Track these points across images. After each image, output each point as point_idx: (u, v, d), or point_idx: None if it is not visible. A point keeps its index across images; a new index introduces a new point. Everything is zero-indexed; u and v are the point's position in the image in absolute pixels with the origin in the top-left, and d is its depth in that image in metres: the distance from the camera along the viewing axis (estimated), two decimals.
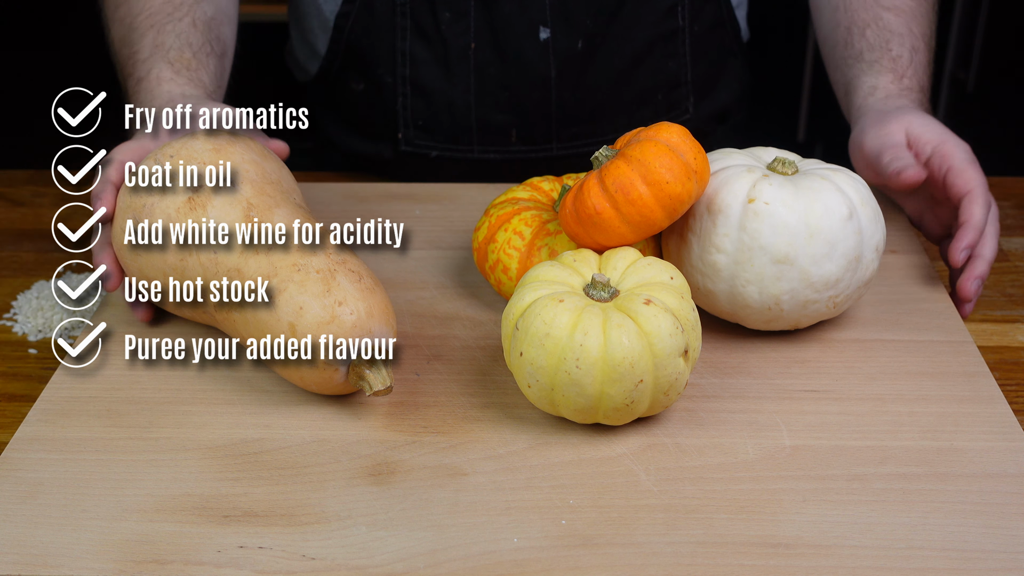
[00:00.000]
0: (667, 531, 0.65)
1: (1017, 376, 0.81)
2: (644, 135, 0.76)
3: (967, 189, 0.86)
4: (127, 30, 0.96)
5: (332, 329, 0.70)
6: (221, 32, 0.99)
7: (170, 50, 0.92)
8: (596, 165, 0.77)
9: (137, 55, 0.93)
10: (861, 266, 0.77)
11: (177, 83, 0.90)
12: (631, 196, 0.73)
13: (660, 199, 0.73)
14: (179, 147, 0.77)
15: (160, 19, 0.95)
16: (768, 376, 0.78)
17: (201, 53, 0.94)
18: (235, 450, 0.71)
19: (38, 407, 0.75)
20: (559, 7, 1.05)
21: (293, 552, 0.63)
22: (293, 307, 0.71)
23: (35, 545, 0.64)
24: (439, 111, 1.10)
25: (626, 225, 0.74)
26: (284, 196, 0.77)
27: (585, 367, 0.67)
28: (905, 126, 0.91)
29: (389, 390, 0.71)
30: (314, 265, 0.72)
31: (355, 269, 0.74)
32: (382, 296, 0.74)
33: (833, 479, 0.68)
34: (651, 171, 0.73)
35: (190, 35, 0.94)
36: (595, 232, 0.75)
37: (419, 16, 1.06)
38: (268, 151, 0.81)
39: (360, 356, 0.71)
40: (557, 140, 1.12)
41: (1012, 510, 0.66)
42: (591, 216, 0.74)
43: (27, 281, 0.94)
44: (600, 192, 0.74)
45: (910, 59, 0.97)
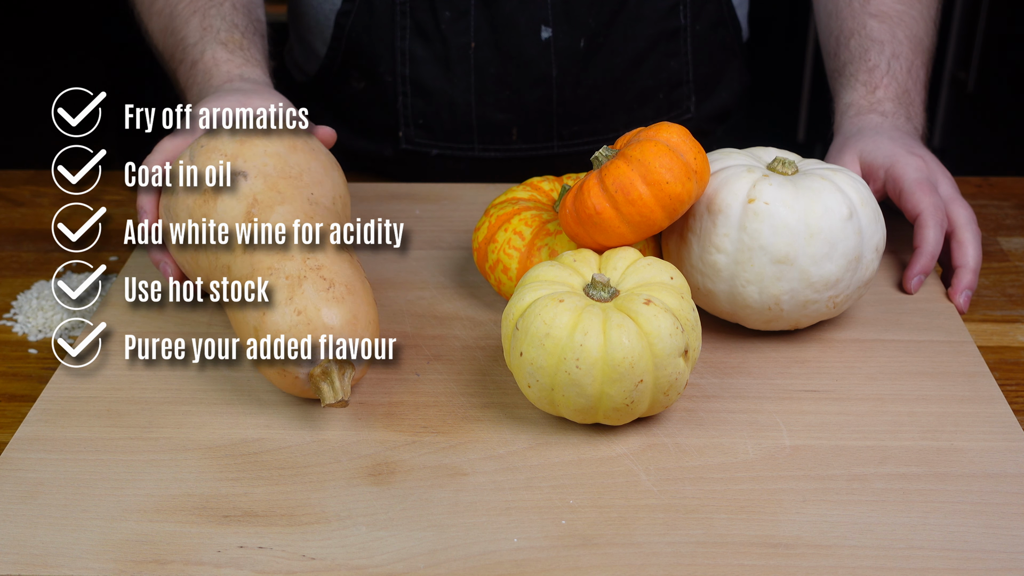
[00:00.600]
0: (667, 531, 0.65)
1: (1017, 376, 0.81)
2: (644, 135, 0.76)
3: (916, 212, 0.86)
4: (168, 19, 0.97)
5: (290, 338, 0.70)
6: (258, 13, 1.02)
7: (219, 31, 0.94)
8: (596, 165, 0.77)
9: (186, 40, 0.95)
10: (861, 266, 0.77)
11: (235, 62, 0.92)
12: (631, 196, 0.73)
13: (660, 199, 0.73)
14: (210, 137, 0.78)
15: (202, 4, 0.96)
16: (768, 376, 0.78)
17: (248, 32, 0.96)
18: (235, 450, 0.71)
19: (38, 407, 0.75)
20: (561, 6, 1.05)
21: (293, 552, 0.63)
22: (258, 312, 0.71)
23: (35, 545, 0.64)
24: (439, 110, 1.10)
25: (626, 225, 0.74)
26: (298, 192, 0.77)
27: (585, 367, 0.67)
28: (858, 153, 0.91)
29: (343, 404, 0.70)
30: (286, 270, 0.72)
31: (328, 276, 0.72)
32: (353, 304, 0.72)
33: (833, 479, 0.68)
34: (651, 171, 0.73)
35: (234, 17, 0.96)
36: (595, 232, 0.75)
37: (419, 15, 1.06)
38: (303, 144, 0.80)
39: (318, 366, 0.71)
40: (558, 139, 1.12)
41: (1012, 510, 0.66)
42: (591, 216, 0.74)
43: (27, 281, 0.94)
44: (600, 192, 0.74)
45: (887, 67, 0.97)
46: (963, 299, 0.85)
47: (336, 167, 0.83)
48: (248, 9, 0.99)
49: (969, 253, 0.86)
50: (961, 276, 0.85)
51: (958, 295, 0.85)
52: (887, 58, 0.98)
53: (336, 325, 0.71)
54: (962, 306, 0.85)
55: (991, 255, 0.97)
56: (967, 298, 0.85)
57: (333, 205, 0.79)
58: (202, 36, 0.94)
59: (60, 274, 0.95)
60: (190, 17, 0.96)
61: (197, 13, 0.96)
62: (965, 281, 0.85)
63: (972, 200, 1.05)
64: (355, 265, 0.76)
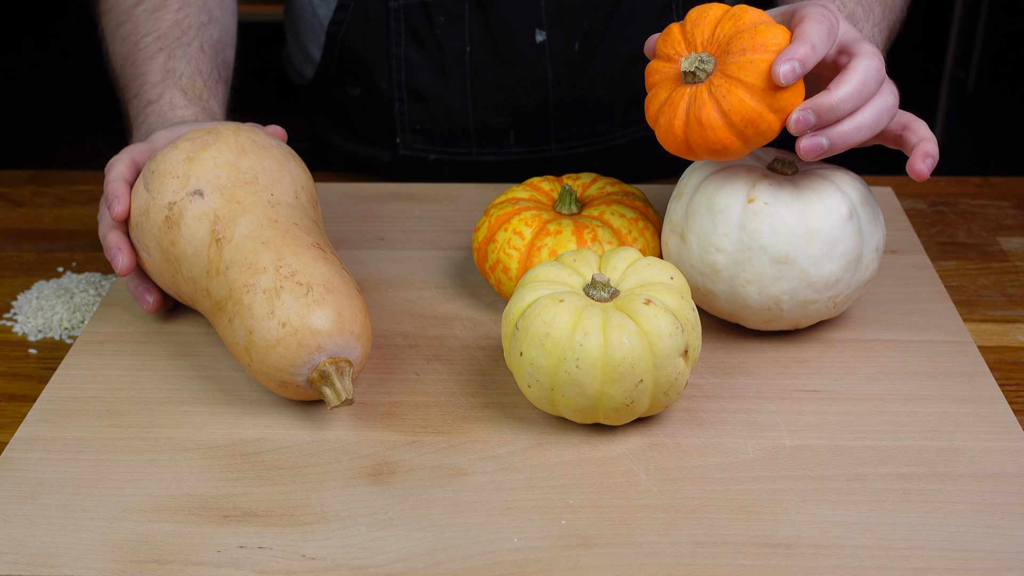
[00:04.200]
0: (667, 531, 0.65)
1: (1017, 376, 0.81)
2: (749, 43, 0.72)
3: (803, 16, 0.74)
4: (131, 48, 0.95)
5: (280, 351, 0.70)
6: (226, 55, 1.00)
7: (181, 77, 0.92)
8: (692, 79, 0.73)
9: (146, 77, 0.93)
10: (861, 266, 0.77)
11: (190, 110, 0.90)
12: (760, 128, 0.71)
13: (781, 119, 0.71)
14: (159, 161, 0.78)
15: (169, 43, 0.94)
16: (768, 376, 0.78)
17: (211, 80, 0.94)
18: (235, 450, 0.71)
19: (38, 407, 0.75)
20: (555, 9, 1.05)
21: (293, 552, 0.63)
22: (244, 331, 0.71)
23: (35, 545, 0.64)
24: (436, 115, 1.10)
25: (745, 146, 0.73)
26: (256, 197, 0.76)
27: (585, 367, 0.67)
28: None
29: (349, 402, 0.70)
30: (261, 284, 0.71)
31: (304, 280, 0.72)
32: (335, 302, 0.72)
33: (833, 479, 0.68)
34: (778, 100, 0.71)
35: (200, 61, 0.94)
36: (707, 153, 0.73)
37: (413, 21, 1.06)
38: (251, 143, 0.79)
39: (315, 371, 0.71)
40: (556, 141, 1.12)
41: (1012, 510, 0.66)
42: (716, 151, 0.72)
43: (27, 281, 0.94)
44: (724, 126, 0.72)
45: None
46: (928, 165, 0.75)
47: (292, 157, 0.81)
48: (216, 51, 0.97)
49: (920, 127, 0.76)
50: (926, 146, 0.75)
51: (921, 160, 0.74)
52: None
53: (323, 328, 0.70)
54: (926, 173, 0.75)
55: (991, 255, 0.97)
56: (931, 165, 0.75)
57: (296, 199, 0.79)
58: (163, 78, 0.92)
59: (60, 274, 0.95)
60: (155, 54, 0.94)
61: (163, 51, 0.94)
62: (926, 149, 0.75)
63: (972, 200, 1.05)
64: (328, 259, 0.74)
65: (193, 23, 0.96)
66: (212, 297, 0.74)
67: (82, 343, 0.82)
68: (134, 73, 0.94)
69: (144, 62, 0.94)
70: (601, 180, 0.88)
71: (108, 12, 1.00)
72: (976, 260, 0.96)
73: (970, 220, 1.02)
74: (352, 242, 0.95)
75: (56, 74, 2.44)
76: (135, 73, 0.94)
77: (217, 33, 0.98)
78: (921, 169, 0.74)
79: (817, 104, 0.71)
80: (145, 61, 0.94)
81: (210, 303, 0.75)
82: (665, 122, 0.74)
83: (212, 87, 0.94)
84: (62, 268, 0.96)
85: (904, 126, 0.77)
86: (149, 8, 0.96)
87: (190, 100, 0.91)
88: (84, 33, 1.14)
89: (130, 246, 0.80)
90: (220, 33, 0.99)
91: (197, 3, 0.98)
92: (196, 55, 0.95)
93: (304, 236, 0.75)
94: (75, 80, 2.10)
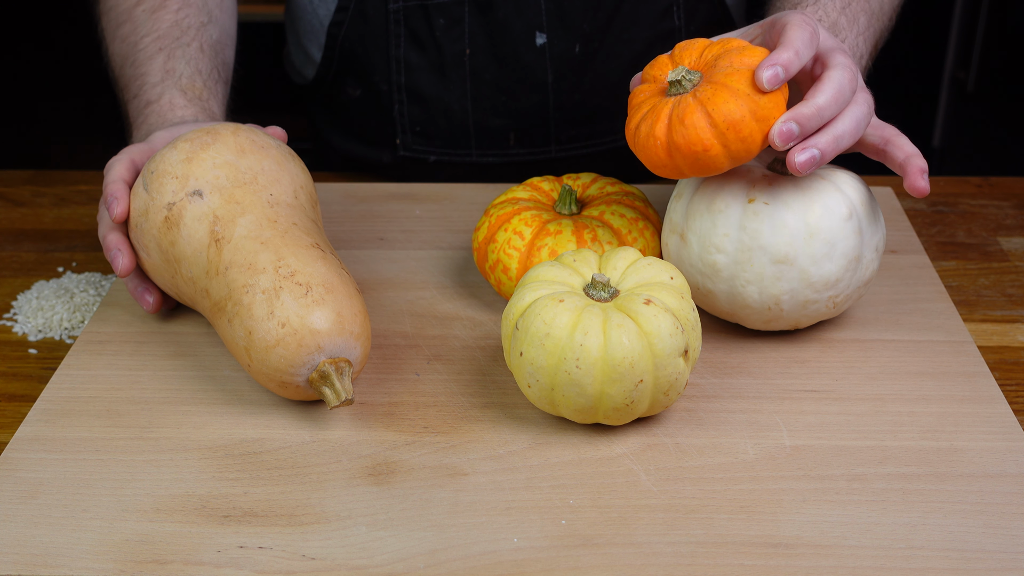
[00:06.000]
0: (667, 531, 0.65)
1: (1017, 376, 0.81)
2: (733, 61, 0.72)
3: (783, 24, 0.74)
4: (131, 49, 0.95)
5: (280, 351, 0.70)
6: (226, 55, 1.00)
7: (181, 77, 0.92)
8: (679, 89, 0.73)
9: (146, 77, 0.92)
10: (861, 266, 0.77)
11: (190, 110, 0.90)
12: (742, 134, 0.71)
13: (764, 132, 0.71)
14: (158, 162, 0.78)
15: (169, 43, 0.94)
16: (768, 376, 0.78)
17: (211, 80, 0.94)
18: (235, 450, 0.71)
19: (38, 407, 0.75)
20: (555, 11, 1.05)
21: (293, 552, 0.63)
22: (243, 332, 0.71)
23: (35, 545, 0.64)
24: (436, 116, 1.10)
25: (730, 161, 0.73)
26: (256, 197, 0.76)
27: (585, 367, 0.67)
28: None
29: (349, 402, 0.70)
30: (260, 285, 0.71)
31: (304, 280, 0.72)
32: (335, 302, 0.72)
33: (833, 479, 0.68)
34: (761, 107, 0.71)
35: (199, 61, 0.94)
36: (690, 167, 0.73)
37: (413, 23, 1.06)
38: (250, 143, 0.79)
39: (315, 371, 0.71)
40: (556, 143, 1.12)
41: (1012, 510, 0.66)
42: (696, 153, 0.72)
43: (27, 281, 0.94)
44: (708, 127, 0.71)
45: (816, 2, 0.88)
46: (924, 182, 0.74)
47: (292, 157, 0.81)
48: (216, 51, 0.97)
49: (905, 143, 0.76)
50: (917, 161, 0.75)
51: (918, 176, 0.74)
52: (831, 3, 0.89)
53: (323, 328, 0.70)
54: (925, 189, 0.75)
55: (991, 255, 0.97)
56: (926, 178, 0.74)
57: (295, 199, 0.79)
58: (163, 78, 0.92)
59: (60, 274, 0.95)
60: (155, 54, 0.94)
61: (163, 52, 0.94)
62: (919, 165, 0.75)
63: (972, 200, 1.05)
64: (327, 259, 0.74)
65: (193, 23, 0.96)
66: (211, 297, 0.74)
67: (82, 343, 0.82)
68: (134, 73, 0.94)
69: (144, 62, 0.94)
70: (601, 180, 0.88)
71: (108, 12, 1.00)
72: (976, 260, 0.96)
73: (970, 220, 1.02)
74: (352, 242, 0.95)
75: (56, 74, 2.44)
76: (135, 73, 0.94)
77: (217, 33, 0.98)
78: (922, 186, 0.74)
79: (798, 114, 0.71)
80: (145, 61, 0.94)
81: (210, 303, 0.75)
82: (647, 128, 0.74)
83: (212, 87, 0.94)
84: (62, 268, 0.96)
85: (887, 140, 0.77)
86: (149, 8, 0.96)
87: (190, 100, 0.91)
88: (84, 33, 1.14)
89: (130, 247, 0.80)
90: (220, 33, 0.99)
91: (197, 3, 0.98)
92: (196, 55, 0.95)
93: (303, 236, 0.75)
94: (75, 80, 2.10)
